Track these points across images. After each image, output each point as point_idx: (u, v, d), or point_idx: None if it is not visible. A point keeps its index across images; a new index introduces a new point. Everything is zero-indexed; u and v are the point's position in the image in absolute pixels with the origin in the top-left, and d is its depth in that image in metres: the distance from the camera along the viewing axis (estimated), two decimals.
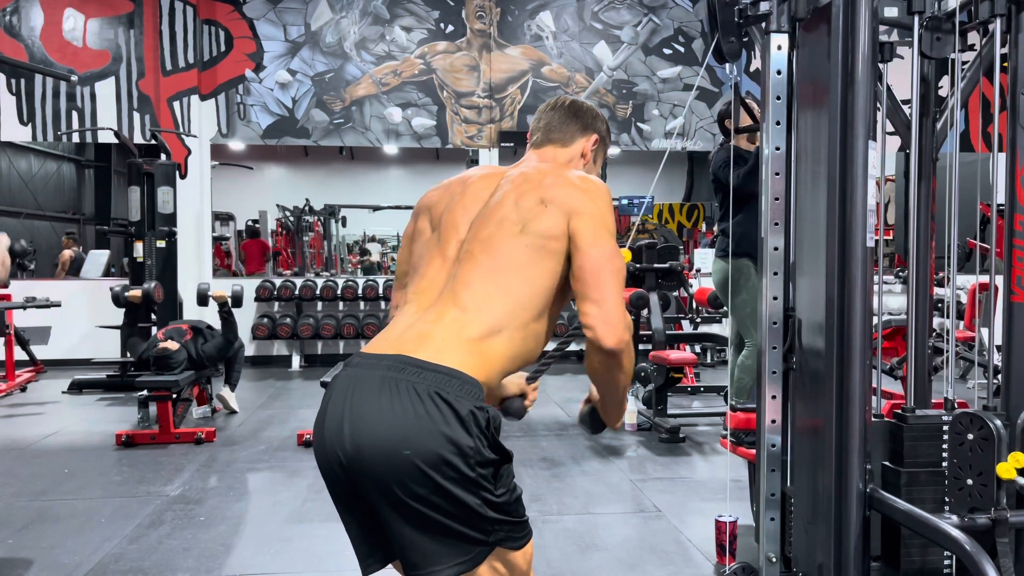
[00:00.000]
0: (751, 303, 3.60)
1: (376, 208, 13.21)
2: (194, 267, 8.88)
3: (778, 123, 2.03)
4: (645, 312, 5.83)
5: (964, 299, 6.57)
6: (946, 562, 1.95)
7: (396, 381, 1.43)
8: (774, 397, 2.05)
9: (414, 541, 1.42)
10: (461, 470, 1.38)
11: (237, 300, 6.03)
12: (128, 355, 6.93)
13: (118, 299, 6.39)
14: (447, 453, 1.38)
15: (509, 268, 1.54)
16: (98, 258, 9.97)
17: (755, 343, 3.70)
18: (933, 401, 2.35)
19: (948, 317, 2.11)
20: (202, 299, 5.86)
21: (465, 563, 1.44)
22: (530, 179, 1.64)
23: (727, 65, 2.26)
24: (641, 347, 6.19)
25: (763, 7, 2.01)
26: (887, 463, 2.00)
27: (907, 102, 2.22)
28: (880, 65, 2.01)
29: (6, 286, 7.20)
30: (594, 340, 1.50)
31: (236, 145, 10.75)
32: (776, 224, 2.04)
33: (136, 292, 6.33)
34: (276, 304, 9.19)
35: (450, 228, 1.64)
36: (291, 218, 12.19)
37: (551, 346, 1.87)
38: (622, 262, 1.57)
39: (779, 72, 2.03)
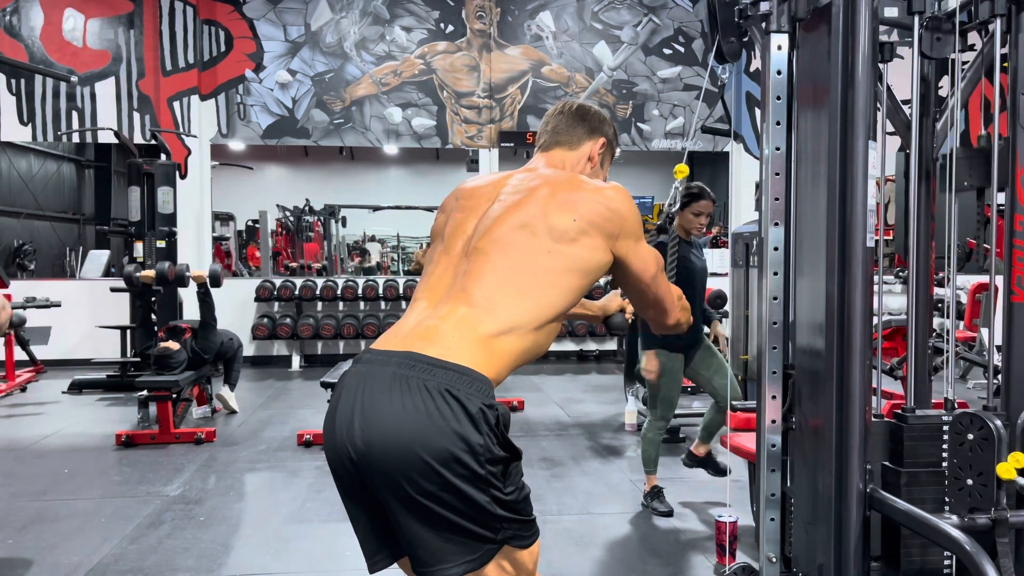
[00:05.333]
0: (666, 386, 3.73)
1: (376, 208, 13.21)
2: (194, 267, 8.87)
3: (778, 123, 2.03)
4: None
5: (964, 299, 6.57)
6: (946, 562, 1.95)
7: (407, 378, 1.43)
8: (774, 397, 2.05)
9: (423, 538, 1.43)
10: (471, 467, 1.39)
11: (215, 280, 5.94)
12: (134, 351, 6.91)
13: (130, 279, 6.37)
14: (457, 450, 1.38)
15: (534, 273, 1.55)
16: (98, 258, 9.97)
17: (659, 418, 3.80)
18: (933, 401, 2.35)
19: (948, 317, 2.10)
20: (180, 280, 5.83)
21: (473, 561, 1.44)
22: (553, 188, 1.64)
23: (724, 67, 2.26)
24: None
25: (763, 7, 2.01)
26: (887, 463, 1.99)
27: (907, 102, 2.22)
28: (880, 65, 2.01)
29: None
30: (661, 327, 1.85)
31: (236, 145, 10.76)
32: (776, 224, 2.04)
33: (149, 273, 6.28)
34: (276, 304, 9.19)
35: (456, 231, 1.66)
36: (291, 218, 12.19)
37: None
38: (659, 258, 1.75)
39: (779, 72, 2.03)
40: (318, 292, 9.01)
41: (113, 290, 7.50)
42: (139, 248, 7.49)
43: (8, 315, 1.62)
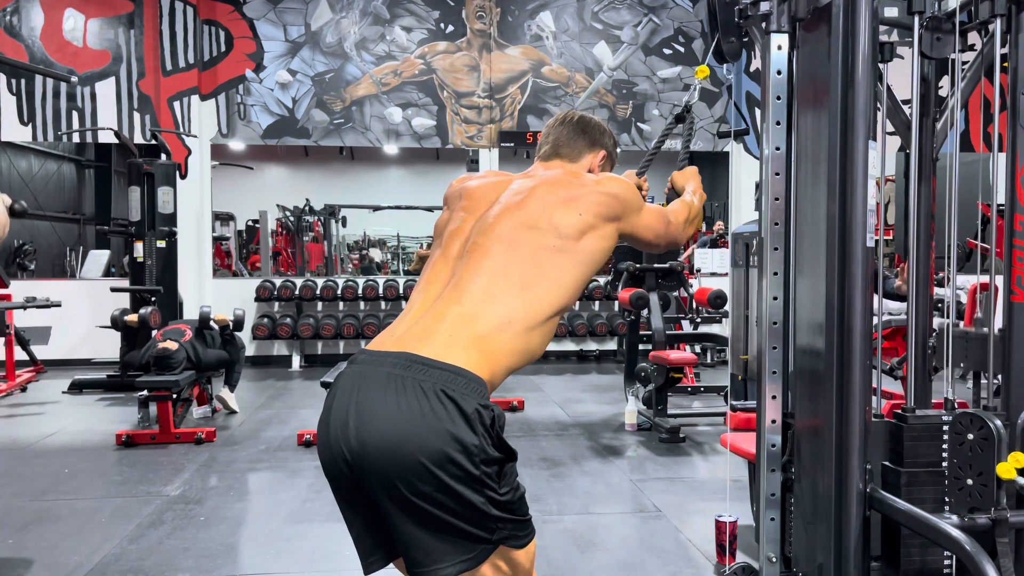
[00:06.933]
0: None
1: (376, 208, 13.20)
2: (194, 267, 8.88)
3: (778, 123, 2.03)
4: (645, 312, 5.83)
5: (964, 299, 6.56)
6: (946, 562, 1.95)
7: (402, 378, 1.43)
8: (774, 397, 2.05)
9: (418, 539, 1.43)
10: (466, 468, 1.39)
11: (239, 324, 6.13)
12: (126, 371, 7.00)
13: (116, 323, 6.54)
14: (452, 451, 1.38)
15: (538, 267, 1.56)
16: (98, 258, 9.97)
17: None
18: (933, 401, 2.35)
19: (948, 317, 2.10)
20: (204, 323, 5.90)
21: (468, 561, 1.44)
22: (552, 186, 1.67)
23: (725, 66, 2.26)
24: (641, 347, 6.20)
25: (763, 7, 2.01)
26: (887, 463, 1.99)
27: (907, 102, 2.22)
28: (880, 65, 2.01)
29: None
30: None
31: (236, 145, 10.76)
32: (776, 224, 2.04)
33: (133, 317, 6.47)
34: (276, 304, 9.19)
35: (454, 233, 1.67)
36: (291, 218, 12.19)
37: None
38: (663, 212, 1.83)
39: (779, 72, 2.03)
40: (318, 292, 9.01)
41: (113, 290, 7.50)
42: (139, 248, 7.49)
43: (6, 225, 1.55)
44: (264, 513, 3.88)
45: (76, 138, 9.46)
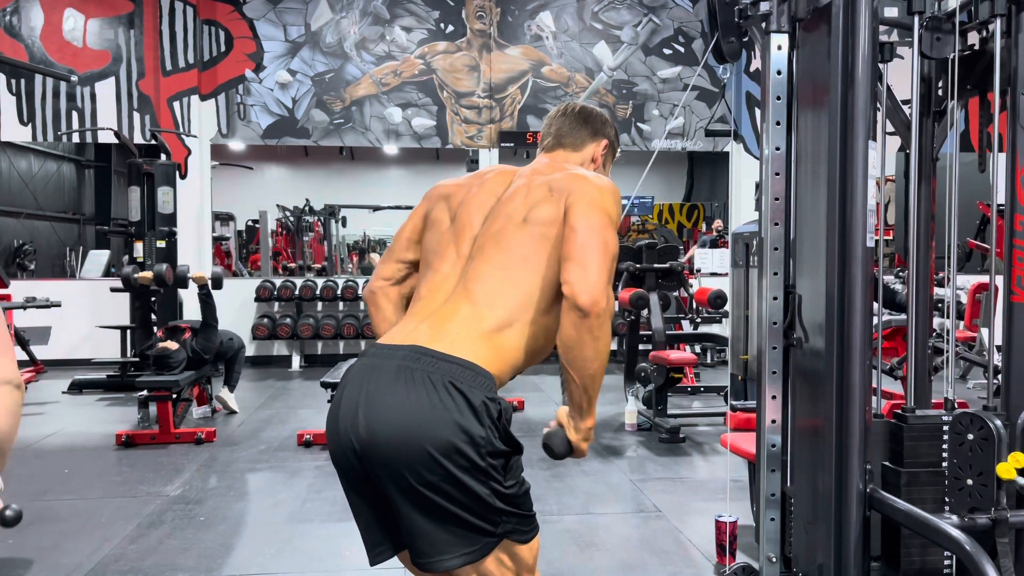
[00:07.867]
0: None
1: (376, 208, 13.20)
2: (194, 267, 8.86)
3: (778, 123, 2.03)
4: (645, 312, 5.82)
5: (964, 299, 6.56)
6: (946, 562, 1.95)
7: (412, 370, 1.46)
8: (774, 397, 2.05)
9: (423, 529, 1.45)
10: (472, 459, 1.41)
11: (217, 282, 5.95)
12: (134, 351, 6.94)
13: (128, 281, 6.41)
14: (459, 442, 1.40)
15: (517, 260, 1.57)
16: (98, 258, 9.96)
17: None
18: (933, 401, 2.35)
19: (948, 317, 2.10)
20: (181, 281, 5.82)
21: (472, 553, 1.46)
22: (540, 172, 1.69)
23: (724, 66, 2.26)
24: (641, 347, 6.19)
25: (763, 7, 2.01)
26: (887, 463, 1.99)
27: (907, 102, 2.22)
28: (880, 65, 2.01)
29: None
30: (570, 296, 1.47)
31: (236, 145, 10.76)
32: (776, 224, 2.04)
33: (147, 274, 6.32)
34: (276, 304, 9.19)
35: (465, 224, 1.68)
36: (291, 218, 12.19)
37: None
38: (614, 240, 1.54)
39: (779, 72, 2.03)
40: (318, 292, 9.01)
41: (113, 290, 7.49)
42: (139, 248, 7.49)
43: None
44: (264, 513, 3.88)
45: (76, 138, 9.46)
